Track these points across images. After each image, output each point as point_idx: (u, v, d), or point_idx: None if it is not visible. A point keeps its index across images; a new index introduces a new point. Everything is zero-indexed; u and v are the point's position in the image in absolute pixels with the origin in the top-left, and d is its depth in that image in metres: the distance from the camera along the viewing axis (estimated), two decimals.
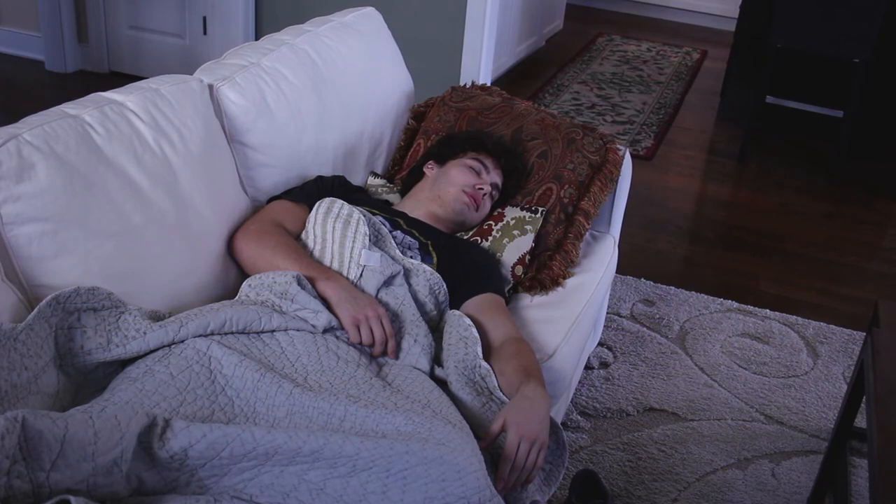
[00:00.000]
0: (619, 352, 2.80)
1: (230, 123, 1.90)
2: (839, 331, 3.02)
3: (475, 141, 2.16)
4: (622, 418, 2.51)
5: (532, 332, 1.97)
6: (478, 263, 1.97)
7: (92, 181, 1.51)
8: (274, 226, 1.82)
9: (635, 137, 4.53)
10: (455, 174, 2.08)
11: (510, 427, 1.49)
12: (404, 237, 1.91)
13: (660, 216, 3.78)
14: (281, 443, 1.28)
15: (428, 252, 1.91)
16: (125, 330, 1.46)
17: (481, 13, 3.95)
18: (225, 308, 1.53)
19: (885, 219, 4.01)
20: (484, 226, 2.14)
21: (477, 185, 2.06)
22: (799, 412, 2.61)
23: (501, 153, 2.16)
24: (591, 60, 5.71)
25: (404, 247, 1.89)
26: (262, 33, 4.19)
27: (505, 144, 2.21)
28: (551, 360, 1.92)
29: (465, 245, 2.03)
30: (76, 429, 1.18)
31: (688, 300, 3.12)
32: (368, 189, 2.26)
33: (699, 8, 6.72)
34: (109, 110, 1.61)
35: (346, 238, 1.78)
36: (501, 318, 1.84)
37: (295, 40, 2.15)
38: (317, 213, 1.85)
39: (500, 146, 2.18)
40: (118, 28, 4.52)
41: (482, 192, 2.07)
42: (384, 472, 1.28)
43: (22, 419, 1.13)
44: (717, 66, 5.72)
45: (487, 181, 2.10)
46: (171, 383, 1.39)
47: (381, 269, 1.75)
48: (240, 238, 1.81)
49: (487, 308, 1.85)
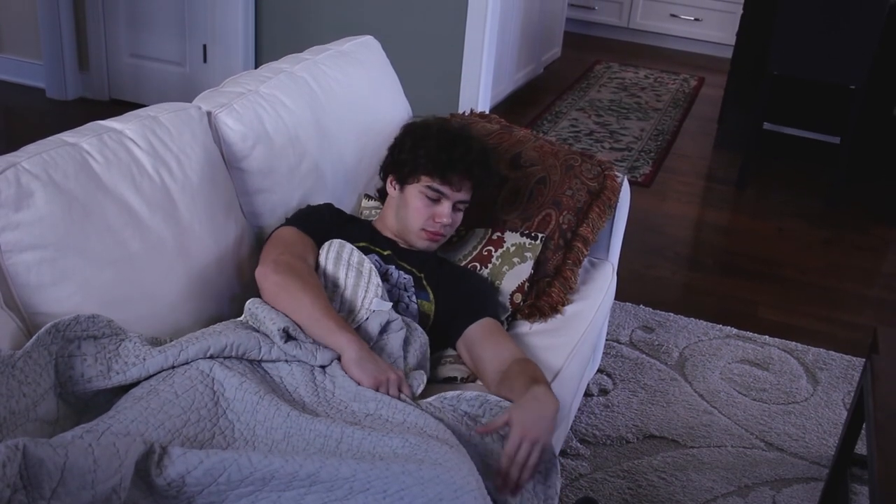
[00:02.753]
0: (618, 378, 2.79)
1: (228, 150, 1.91)
2: (839, 357, 3.02)
3: (433, 164, 1.93)
4: (622, 445, 2.50)
5: (532, 358, 1.96)
6: (473, 290, 1.96)
7: (90, 209, 1.52)
8: (302, 262, 1.77)
9: (633, 164, 4.54)
10: (413, 207, 1.94)
11: (515, 425, 1.50)
12: (399, 276, 1.89)
13: (658, 243, 3.78)
14: (277, 467, 1.27)
15: (423, 287, 1.91)
16: (125, 357, 1.47)
17: (480, 41, 3.98)
18: (227, 332, 1.53)
19: (883, 244, 4.01)
20: (483, 252, 2.14)
21: (436, 219, 1.93)
22: (799, 439, 2.60)
23: (465, 172, 1.95)
24: (589, 88, 5.74)
25: (400, 288, 1.88)
26: (261, 61, 4.22)
27: (469, 157, 1.95)
28: (552, 386, 1.90)
29: (459, 273, 2.03)
30: (76, 457, 1.18)
31: (687, 327, 3.11)
32: (362, 213, 2.25)
33: (696, 35, 6.77)
34: (108, 138, 1.62)
35: (359, 288, 1.78)
36: (503, 341, 1.84)
37: (293, 68, 2.16)
38: (327, 257, 1.83)
39: (462, 163, 1.94)
40: (119, 56, 4.55)
41: (442, 224, 1.94)
42: (381, 494, 1.28)
43: (23, 447, 1.13)
44: (714, 93, 5.75)
45: (446, 213, 1.94)
46: (175, 402, 1.40)
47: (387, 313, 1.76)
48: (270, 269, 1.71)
49: (488, 334, 1.85)
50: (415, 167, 1.94)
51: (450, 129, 2.01)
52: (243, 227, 1.93)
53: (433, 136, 1.96)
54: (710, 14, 6.67)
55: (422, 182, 1.94)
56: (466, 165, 1.94)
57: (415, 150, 1.96)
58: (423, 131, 2.00)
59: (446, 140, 1.96)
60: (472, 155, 1.96)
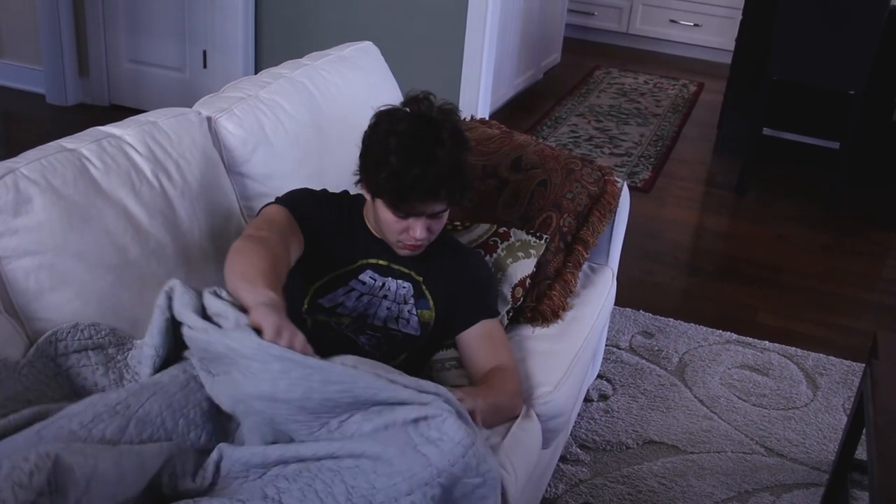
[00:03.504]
0: (618, 384, 2.79)
1: (229, 154, 1.91)
2: (838, 362, 3.01)
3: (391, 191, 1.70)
4: (622, 451, 2.49)
5: (534, 365, 1.98)
6: (472, 289, 1.90)
7: (89, 214, 1.52)
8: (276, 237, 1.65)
9: (633, 169, 4.54)
10: (384, 221, 1.76)
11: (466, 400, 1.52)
12: (398, 287, 1.82)
13: (658, 248, 3.78)
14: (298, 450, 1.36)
15: (422, 294, 1.84)
16: (134, 366, 1.49)
17: (479, 47, 3.98)
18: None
19: (882, 250, 4.01)
20: (490, 241, 2.12)
21: (410, 233, 1.75)
22: (799, 444, 2.60)
23: (428, 195, 1.70)
24: (589, 93, 5.74)
25: (399, 301, 1.81)
26: (261, 67, 4.22)
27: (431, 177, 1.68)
28: (553, 395, 1.92)
29: (461, 269, 1.90)
30: (105, 467, 1.20)
31: (687, 332, 3.11)
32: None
33: (696, 41, 6.78)
34: (107, 144, 1.62)
35: None
36: (494, 347, 1.84)
37: (293, 73, 2.17)
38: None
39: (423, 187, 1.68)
40: (119, 62, 4.55)
41: (417, 238, 1.75)
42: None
43: (55, 456, 1.15)
44: (713, 98, 5.75)
45: (419, 230, 1.74)
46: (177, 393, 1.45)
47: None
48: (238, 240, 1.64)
49: (481, 340, 1.85)
50: (378, 189, 1.72)
51: (413, 136, 1.70)
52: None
53: (395, 149, 1.69)
54: (709, 20, 6.67)
55: (385, 201, 1.72)
56: (430, 187, 1.68)
57: (377, 166, 1.71)
58: (385, 137, 1.72)
59: (406, 157, 1.67)
60: (434, 173, 1.67)
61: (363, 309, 1.77)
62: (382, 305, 1.79)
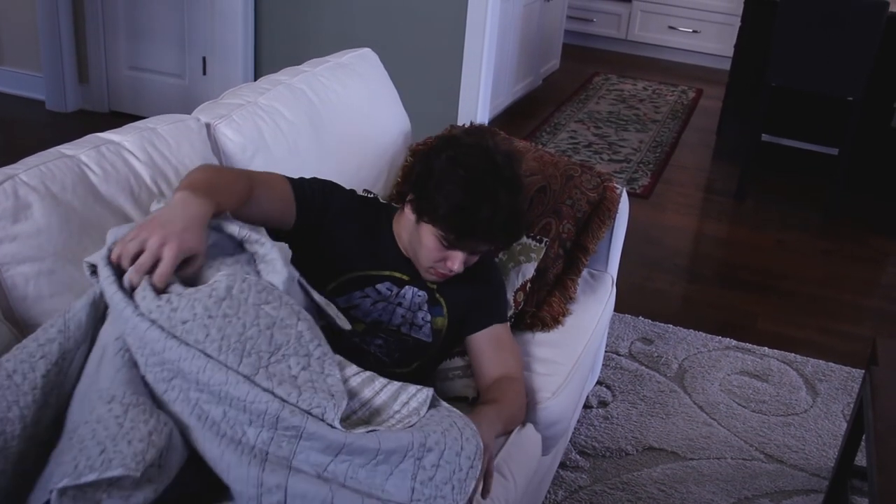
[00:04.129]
0: (617, 390, 2.79)
1: (228, 161, 1.91)
2: (838, 368, 3.01)
3: (451, 224, 1.68)
4: (621, 458, 2.49)
5: (534, 372, 1.99)
6: (482, 295, 1.90)
7: (88, 220, 1.52)
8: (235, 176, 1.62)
9: (632, 176, 4.55)
10: (425, 246, 1.73)
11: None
12: (413, 294, 1.80)
13: (657, 254, 3.78)
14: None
15: (436, 302, 1.82)
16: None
17: (478, 54, 3.99)
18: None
19: (882, 256, 4.01)
20: None
21: (448, 263, 1.73)
22: (799, 451, 2.59)
23: (485, 238, 1.72)
24: (588, 99, 5.75)
25: (413, 309, 1.79)
26: (261, 74, 4.23)
27: (494, 223, 1.68)
28: (553, 402, 1.93)
29: (472, 275, 1.85)
30: (175, 447, 1.28)
31: (686, 338, 3.11)
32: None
33: (695, 47, 6.79)
34: (106, 150, 1.62)
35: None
36: (502, 354, 1.84)
37: (292, 80, 2.17)
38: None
39: (484, 231, 1.69)
40: (118, 68, 4.56)
41: (452, 270, 1.75)
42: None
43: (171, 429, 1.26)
44: (713, 104, 5.76)
45: (458, 262, 1.73)
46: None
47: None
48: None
49: (491, 345, 1.85)
50: (433, 215, 1.69)
51: (483, 178, 1.68)
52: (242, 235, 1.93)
53: (462, 182, 1.67)
54: (708, 26, 6.69)
55: (437, 229, 1.70)
56: (489, 233, 1.70)
57: (438, 191, 1.68)
58: (453, 167, 1.69)
59: (475, 195, 1.66)
60: (498, 220, 1.67)
61: (377, 315, 1.76)
62: (397, 312, 1.78)
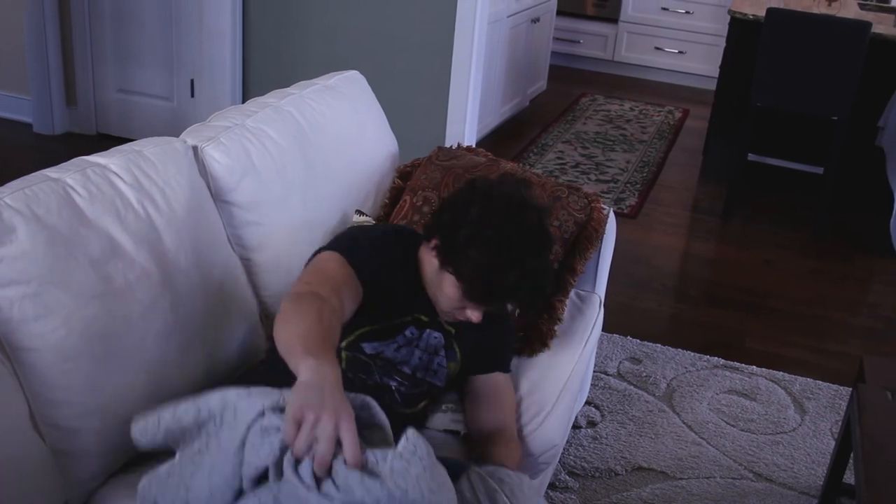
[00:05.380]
0: (606, 410, 2.79)
1: (216, 183, 1.91)
2: (826, 386, 3.02)
3: (475, 285, 1.63)
4: (611, 478, 2.49)
5: (523, 394, 2.00)
6: (493, 340, 1.89)
7: (74, 243, 1.51)
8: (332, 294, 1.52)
9: (619, 196, 4.57)
10: (446, 293, 1.69)
11: None
12: (430, 336, 1.76)
13: (645, 274, 3.79)
14: None
15: (451, 346, 1.80)
16: None
17: (466, 76, 4.01)
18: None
19: (868, 274, 4.03)
20: None
21: (468, 313, 1.70)
22: (788, 469, 2.60)
23: (509, 299, 1.68)
24: (575, 120, 5.78)
25: (430, 352, 1.76)
26: (249, 96, 4.24)
27: (521, 287, 1.63)
28: (543, 424, 1.94)
29: (487, 321, 1.77)
30: None
31: (674, 358, 3.11)
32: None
33: (680, 68, 6.84)
34: (91, 173, 1.62)
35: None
36: (498, 403, 1.85)
37: (279, 102, 2.17)
38: None
39: (508, 293, 1.64)
40: (106, 91, 4.56)
41: (470, 321, 1.72)
42: None
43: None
44: (699, 124, 5.80)
45: (478, 316, 1.70)
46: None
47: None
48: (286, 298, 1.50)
49: (489, 391, 1.85)
50: (458, 270, 1.64)
51: (513, 241, 1.62)
52: (232, 259, 1.93)
53: (491, 244, 1.61)
54: (693, 47, 6.75)
55: (461, 283, 1.65)
56: (514, 297, 1.66)
57: (465, 248, 1.63)
58: (483, 224, 1.63)
59: (502, 259, 1.61)
60: (525, 285, 1.63)
61: (401, 358, 1.74)
62: (415, 355, 1.75)
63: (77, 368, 1.50)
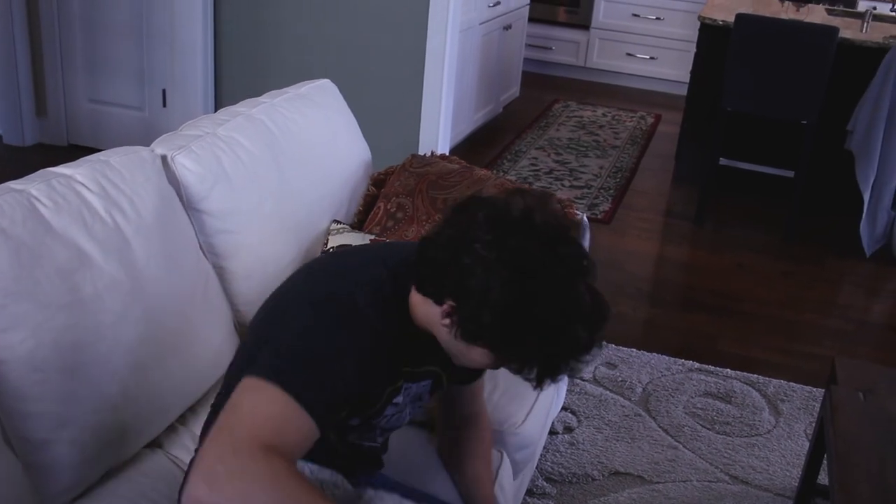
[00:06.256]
0: (582, 416, 2.79)
1: (187, 191, 1.90)
2: (800, 388, 3.04)
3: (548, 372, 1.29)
4: (588, 483, 2.49)
5: (499, 399, 2.01)
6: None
7: (40, 253, 1.49)
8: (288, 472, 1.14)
9: (593, 201, 4.58)
10: (476, 361, 1.35)
11: None
12: (418, 387, 1.51)
13: (619, 279, 3.81)
14: None
15: (440, 385, 1.58)
16: None
17: (438, 84, 4.01)
18: None
19: (839, 276, 4.07)
20: None
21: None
22: (763, 471, 2.61)
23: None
24: (548, 126, 5.80)
25: (415, 400, 1.53)
26: (221, 105, 4.21)
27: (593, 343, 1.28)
28: (520, 429, 1.96)
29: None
30: None
31: (650, 362, 3.12)
32: (328, 241, 1.84)
33: (652, 74, 6.89)
34: (57, 183, 1.60)
35: None
36: (475, 396, 1.79)
37: (251, 111, 2.16)
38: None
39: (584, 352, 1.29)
40: (77, 101, 4.52)
41: None
42: None
43: None
44: (671, 129, 5.84)
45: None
46: None
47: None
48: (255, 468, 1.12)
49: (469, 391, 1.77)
50: (505, 352, 1.29)
51: (576, 289, 1.26)
52: (204, 267, 1.91)
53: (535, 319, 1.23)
54: (664, 52, 6.80)
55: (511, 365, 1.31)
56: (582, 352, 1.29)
57: (504, 322, 1.24)
58: (517, 281, 1.23)
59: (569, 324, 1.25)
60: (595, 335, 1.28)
61: (391, 426, 1.55)
62: (405, 413, 1.55)
63: (47, 379, 1.48)
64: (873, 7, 5.12)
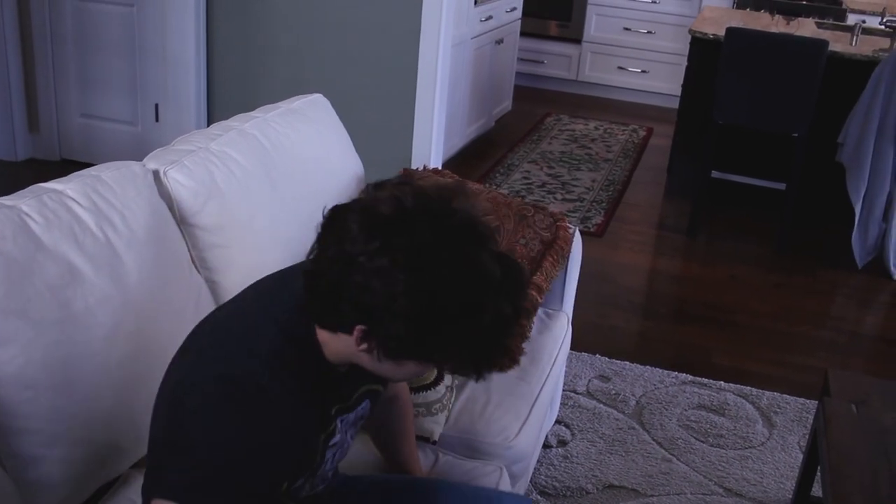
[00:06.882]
0: (576, 429, 2.79)
1: (180, 206, 1.90)
2: (793, 400, 3.04)
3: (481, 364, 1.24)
4: (582, 496, 2.48)
5: (492, 413, 2.01)
6: None
7: (30, 269, 1.49)
8: None
9: (586, 215, 4.59)
10: (410, 372, 1.29)
11: None
12: (357, 413, 1.45)
13: (612, 292, 3.81)
14: None
15: (377, 395, 1.51)
16: None
17: (431, 98, 4.02)
18: None
19: (831, 287, 4.08)
20: None
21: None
22: (757, 483, 2.61)
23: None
24: (541, 140, 5.82)
25: (356, 425, 1.47)
26: (213, 120, 4.21)
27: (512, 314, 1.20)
28: (514, 442, 1.96)
29: None
30: None
31: (643, 375, 3.12)
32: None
33: (644, 87, 6.92)
34: (48, 199, 1.60)
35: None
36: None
37: (243, 125, 2.17)
38: None
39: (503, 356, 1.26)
40: (70, 116, 4.52)
41: None
42: None
43: None
44: (663, 142, 5.86)
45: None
46: None
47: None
48: None
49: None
50: (430, 357, 1.22)
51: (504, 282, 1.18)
52: (197, 281, 1.91)
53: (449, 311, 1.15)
54: (656, 66, 6.82)
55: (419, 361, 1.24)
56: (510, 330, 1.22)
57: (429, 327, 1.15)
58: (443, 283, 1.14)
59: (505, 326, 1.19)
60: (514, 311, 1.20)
61: (339, 458, 1.49)
62: (346, 443, 1.48)
63: (38, 396, 1.47)
64: (862, 20, 5.16)
